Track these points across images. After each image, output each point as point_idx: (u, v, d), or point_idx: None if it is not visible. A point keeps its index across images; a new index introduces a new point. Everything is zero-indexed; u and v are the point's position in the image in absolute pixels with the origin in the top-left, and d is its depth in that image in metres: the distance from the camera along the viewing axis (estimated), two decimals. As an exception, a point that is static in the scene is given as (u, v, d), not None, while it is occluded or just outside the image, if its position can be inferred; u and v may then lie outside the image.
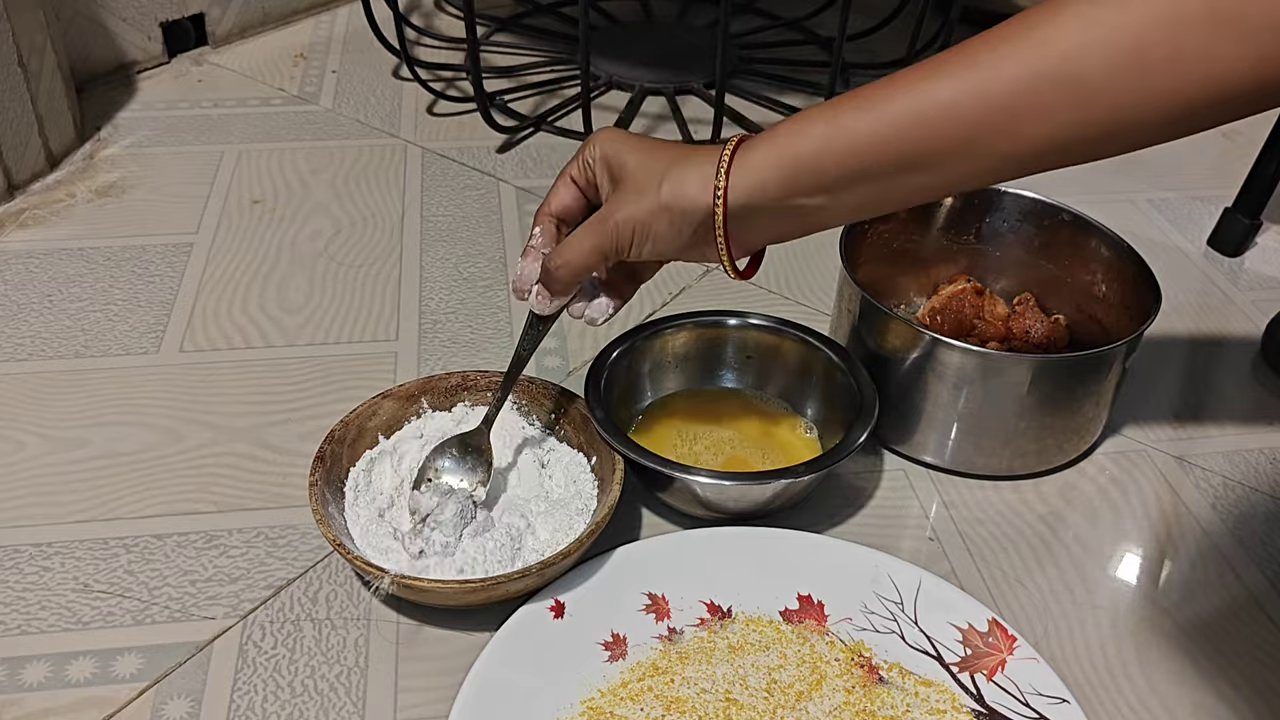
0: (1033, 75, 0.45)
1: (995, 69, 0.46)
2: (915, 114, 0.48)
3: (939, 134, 0.48)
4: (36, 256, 0.90)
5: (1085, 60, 0.44)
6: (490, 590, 0.57)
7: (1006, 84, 0.46)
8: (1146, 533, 0.70)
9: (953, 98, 0.47)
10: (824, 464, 0.64)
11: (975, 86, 0.46)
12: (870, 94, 0.50)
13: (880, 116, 0.49)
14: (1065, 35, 0.44)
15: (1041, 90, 0.45)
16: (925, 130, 0.48)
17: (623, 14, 1.36)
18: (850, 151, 0.50)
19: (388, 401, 0.69)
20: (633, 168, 0.55)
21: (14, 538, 0.66)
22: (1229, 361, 0.85)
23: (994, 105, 0.46)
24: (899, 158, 0.49)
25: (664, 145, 0.57)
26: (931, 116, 0.48)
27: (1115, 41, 0.43)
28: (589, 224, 0.57)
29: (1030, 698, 0.57)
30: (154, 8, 1.18)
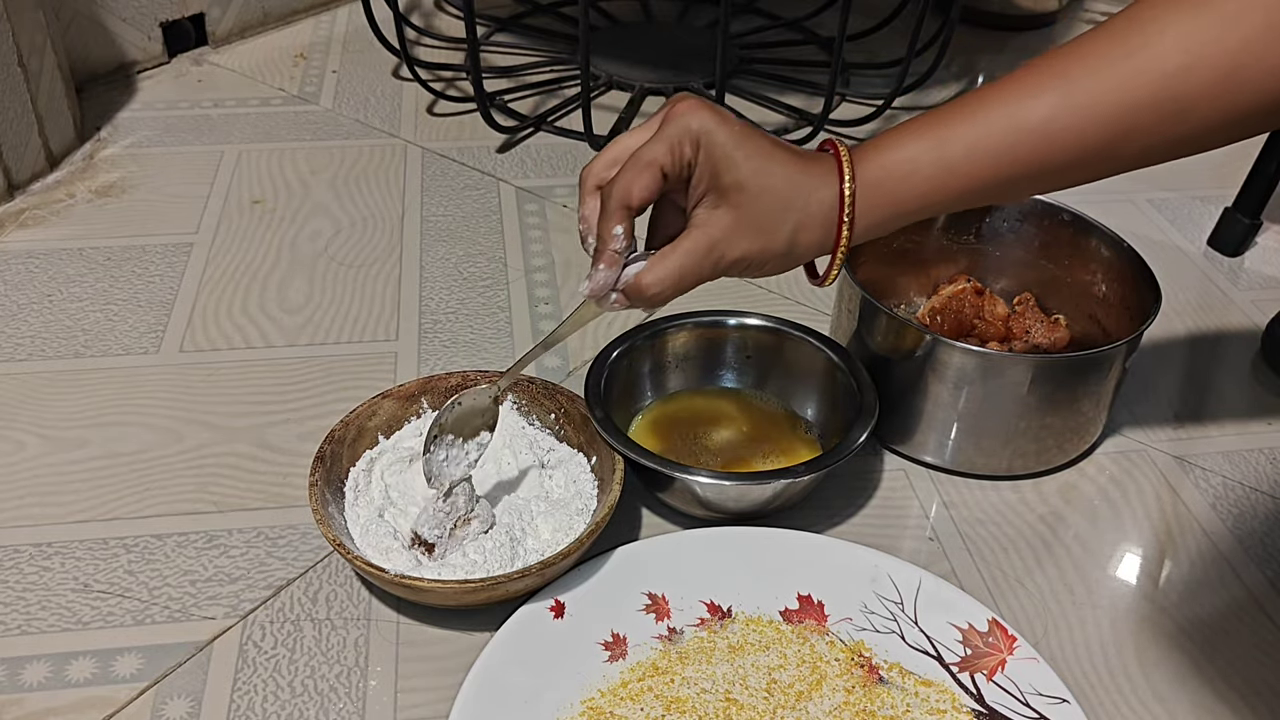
0: (1134, 101, 0.47)
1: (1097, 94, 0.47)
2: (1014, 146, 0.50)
3: (1040, 160, 0.50)
4: (36, 256, 0.90)
5: (1186, 83, 0.46)
6: (490, 590, 0.57)
7: (1109, 110, 0.47)
8: (1146, 533, 0.70)
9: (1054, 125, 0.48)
10: (823, 464, 0.64)
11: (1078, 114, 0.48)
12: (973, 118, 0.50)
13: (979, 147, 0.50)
14: (1166, 57, 0.46)
15: (1142, 113, 0.47)
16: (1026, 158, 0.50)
17: (623, 14, 1.36)
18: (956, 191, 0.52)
19: (387, 401, 0.69)
20: (748, 184, 0.52)
21: (14, 538, 0.66)
22: (1229, 361, 0.85)
23: (1097, 131, 0.48)
24: (999, 185, 0.51)
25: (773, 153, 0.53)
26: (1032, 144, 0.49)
27: (1215, 64, 0.45)
28: (691, 248, 0.53)
29: (1030, 698, 0.57)
30: (154, 8, 1.18)
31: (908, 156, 0.52)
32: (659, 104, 1.17)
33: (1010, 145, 0.50)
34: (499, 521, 0.63)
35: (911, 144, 0.52)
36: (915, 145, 0.52)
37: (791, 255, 0.54)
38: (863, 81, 1.24)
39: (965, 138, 0.50)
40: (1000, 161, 0.50)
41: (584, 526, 0.63)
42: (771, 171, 0.53)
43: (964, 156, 0.51)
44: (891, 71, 1.18)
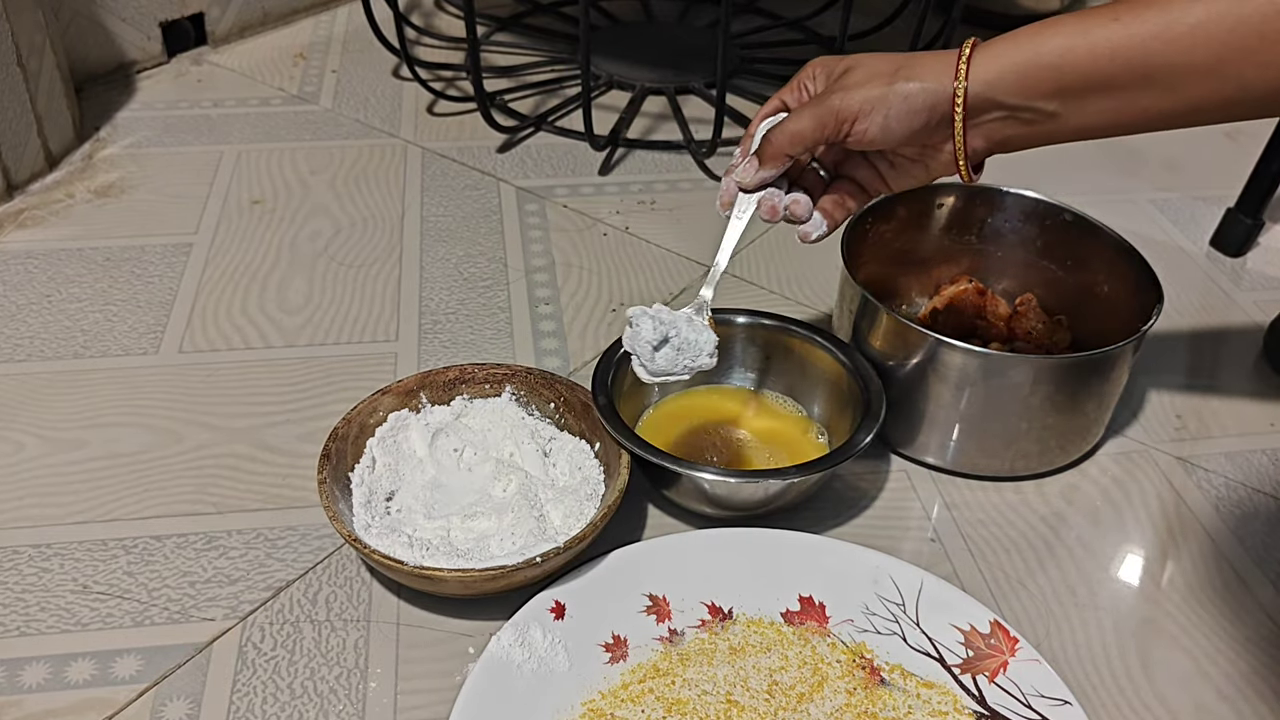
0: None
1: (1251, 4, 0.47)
2: (1163, 28, 0.49)
3: (1185, 51, 0.49)
4: (36, 256, 0.90)
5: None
6: (510, 577, 0.58)
7: (1260, 7, 0.47)
8: (1149, 534, 0.70)
9: (1203, 18, 0.48)
10: (830, 463, 0.64)
11: (1228, 8, 0.47)
12: (1117, 7, 0.51)
13: (1128, 26, 0.50)
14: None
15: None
16: (1171, 46, 0.49)
17: (623, 14, 1.36)
18: (1091, 57, 0.51)
19: (387, 397, 0.69)
20: (862, 61, 0.57)
21: (14, 538, 0.65)
22: (1231, 362, 0.85)
23: (1246, 29, 0.47)
24: (1141, 71, 0.50)
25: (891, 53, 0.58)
26: (1179, 33, 0.48)
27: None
28: (809, 103, 0.58)
29: (1032, 699, 0.57)
30: (153, 8, 1.18)
31: (1044, 25, 0.53)
32: (660, 104, 1.17)
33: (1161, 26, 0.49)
34: (518, 510, 0.63)
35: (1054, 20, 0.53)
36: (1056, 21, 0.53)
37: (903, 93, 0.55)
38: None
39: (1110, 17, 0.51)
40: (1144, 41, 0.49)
41: (595, 511, 0.63)
42: (884, 57, 0.57)
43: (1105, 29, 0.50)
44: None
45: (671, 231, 0.97)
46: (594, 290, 0.89)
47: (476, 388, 0.71)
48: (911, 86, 0.55)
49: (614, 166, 1.07)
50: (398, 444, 0.68)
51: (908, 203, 0.80)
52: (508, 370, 0.72)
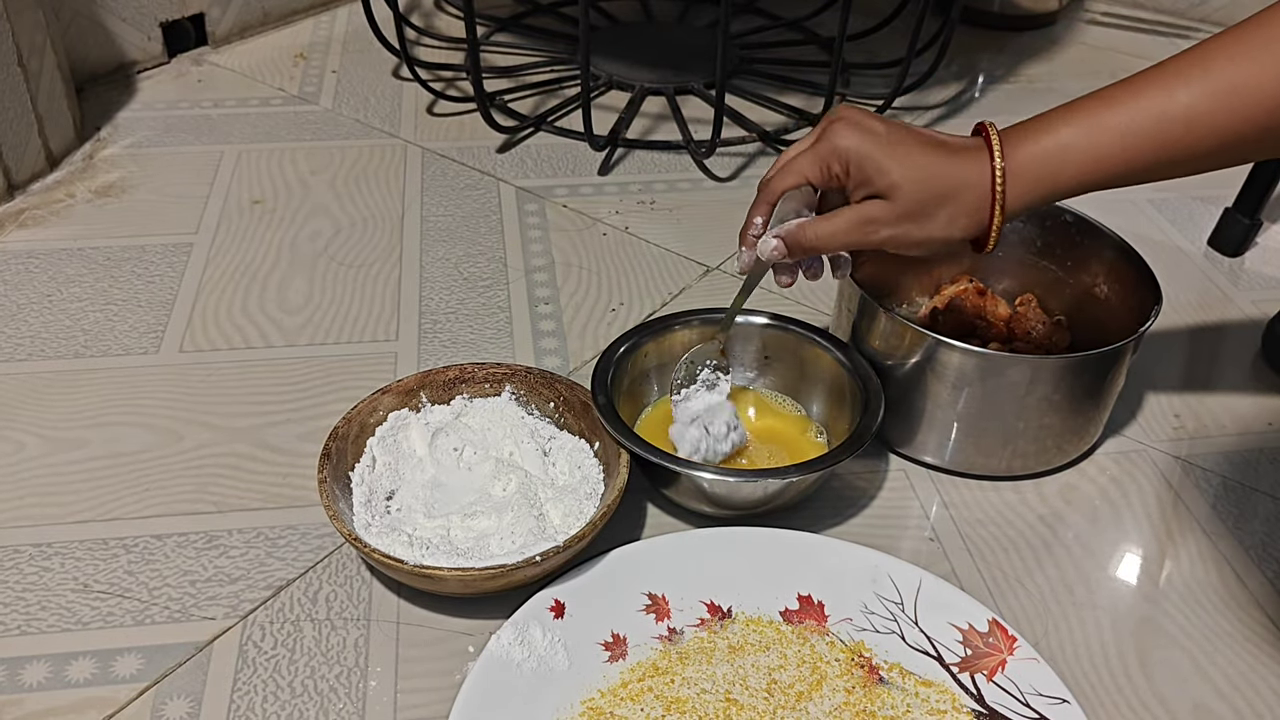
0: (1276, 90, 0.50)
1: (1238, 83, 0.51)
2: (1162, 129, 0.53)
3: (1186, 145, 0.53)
4: (36, 256, 0.90)
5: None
6: (509, 576, 0.58)
7: (1250, 96, 0.51)
8: (1147, 533, 0.70)
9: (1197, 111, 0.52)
10: (828, 463, 0.64)
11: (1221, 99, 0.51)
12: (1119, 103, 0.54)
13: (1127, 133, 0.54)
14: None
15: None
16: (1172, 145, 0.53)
17: (623, 14, 1.36)
18: (1102, 176, 0.55)
19: (387, 397, 0.69)
20: (902, 189, 0.58)
21: (14, 538, 0.66)
22: (1229, 361, 0.85)
23: (1238, 119, 0.51)
24: (1147, 170, 0.55)
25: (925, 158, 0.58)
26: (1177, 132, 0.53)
27: None
28: (853, 222, 0.60)
29: (1030, 698, 0.57)
30: (154, 8, 1.18)
31: (1059, 143, 0.56)
32: (659, 104, 1.17)
33: (1158, 132, 0.53)
34: (517, 509, 0.63)
35: (1063, 129, 0.56)
36: (1067, 131, 0.56)
37: (946, 240, 0.59)
38: (863, 81, 1.24)
39: (1115, 125, 0.54)
40: (1148, 147, 0.53)
41: (594, 510, 0.63)
42: (923, 167, 0.58)
43: (1114, 142, 0.54)
44: (891, 71, 1.18)
45: (671, 231, 0.97)
46: (593, 290, 0.89)
47: (476, 387, 0.72)
48: (950, 236, 0.59)
49: (613, 166, 1.07)
50: (398, 443, 0.68)
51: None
52: (507, 370, 0.72)
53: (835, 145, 0.59)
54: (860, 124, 0.59)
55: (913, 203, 0.58)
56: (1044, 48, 1.37)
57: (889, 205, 0.58)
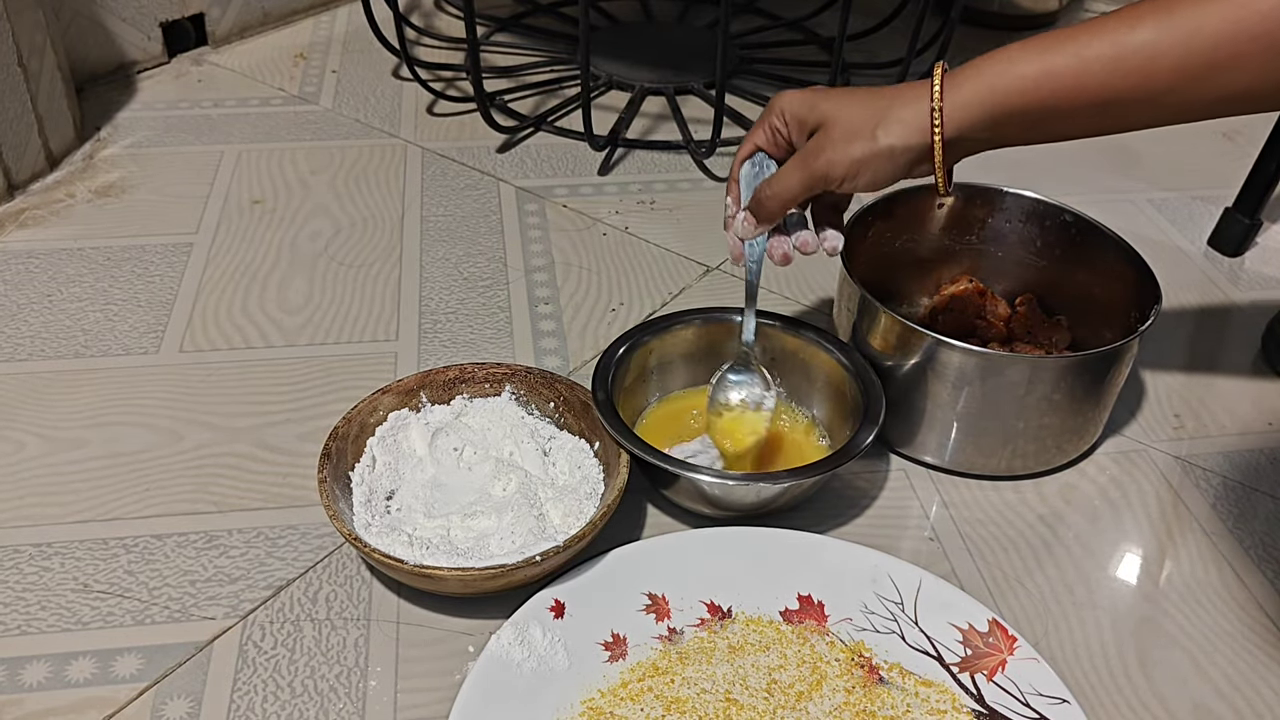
0: (1235, 30, 0.49)
1: (1198, 22, 0.50)
2: (1116, 60, 0.52)
3: (1140, 80, 0.52)
4: (36, 256, 0.90)
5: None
6: (509, 576, 0.58)
7: (1209, 38, 0.50)
8: (1147, 533, 0.70)
9: (1155, 47, 0.51)
10: (830, 465, 0.64)
11: (1179, 38, 0.50)
12: (1074, 36, 0.53)
13: (1084, 58, 0.53)
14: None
15: (1242, 44, 0.49)
16: (1127, 77, 0.52)
17: (623, 14, 1.36)
18: (1052, 93, 0.54)
19: (387, 396, 0.69)
20: (837, 115, 0.59)
21: (14, 538, 0.66)
22: (1229, 361, 0.85)
23: (1195, 57, 0.50)
24: (1098, 100, 0.53)
25: (859, 92, 0.60)
26: (1133, 64, 0.52)
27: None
28: (797, 160, 0.61)
29: (1030, 698, 0.57)
30: (154, 8, 1.18)
31: (1007, 58, 0.55)
32: (659, 104, 1.17)
33: (1114, 58, 0.52)
34: (517, 509, 0.63)
35: (1013, 50, 0.55)
36: (1016, 51, 0.55)
37: (888, 152, 0.58)
38: (863, 81, 1.24)
39: (1069, 49, 0.53)
40: (1102, 74, 0.52)
41: (594, 510, 0.63)
42: (853, 95, 0.60)
43: (1066, 64, 0.53)
44: (891, 71, 1.18)
45: (671, 231, 0.97)
46: (593, 290, 0.89)
47: (476, 387, 0.72)
48: (894, 143, 0.58)
49: (613, 166, 1.07)
50: (398, 443, 0.69)
51: (908, 203, 0.80)
52: (507, 370, 0.72)
53: (775, 106, 0.62)
54: (802, 91, 0.62)
55: (845, 124, 0.59)
56: (1044, 48, 1.36)
57: (825, 132, 0.60)
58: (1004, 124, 0.56)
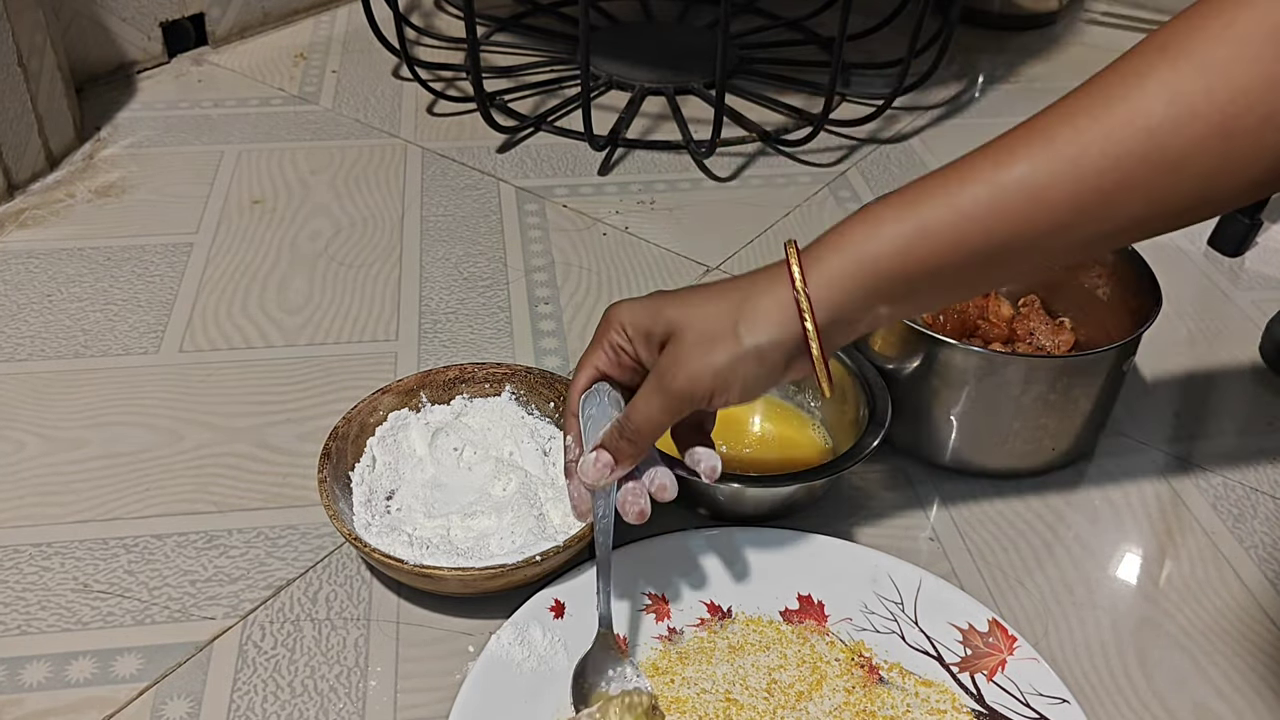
0: (1120, 154, 0.43)
1: (1079, 149, 0.43)
2: (997, 204, 0.45)
3: (1026, 223, 0.45)
4: (36, 256, 0.90)
5: (1176, 136, 0.42)
6: (510, 576, 0.58)
7: (1092, 165, 0.43)
8: (1147, 533, 0.70)
9: (1035, 182, 0.44)
10: (837, 468, 0.64)
11: (1059, 169, 0.44)
12: (943, 183, 0.46)
13: (959, 209, 0.45)
14: (1150, 110, 0.42)
15: (1131, 167, 0.43)
16: (1008, 222, 0.45)
17: (623, 14, 1.36)
18: (930, 252, 0.46)
19: (387, 396, 0.69)
20: (688, 319, 0.51)
21: (14, 538, 0.66)
22: (1229, 361, 0.85)
23: (1081, 189, 0.44)
24: (984, 251, 0.46)
25: (707, 288, 0.52)
26: (1014, 205, 0.45)
27: (1201, 113, 0.41)
28: (653, 384, 0.53)
29: (1030, 698, 0.57)
30: (154, 8, 1.18)
31: (873, 219, 0.48)
32: (659, 104, 1.17)
33: (993, 202, 0.45)
34: (517, 509, 0.63)
35: (878, 209, 0.48)
36: (883, 209, 0.48)
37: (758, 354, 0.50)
38: (863, 81, 1.24)
39: (940, 199, 0.46)
40: (982, 222, 0.45)
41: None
42: (699, 294, 0.52)
43: (940, 217, 0.46)
44: (891, 71, 1.18)
45: (671, 231, 0.97)
46: (594, 290, 0.89)
47: (476, 387, 0.72)
48: (759, 341, 0.49)
49: (613, 166, 1.07)
50: (398, 443, 0.68)
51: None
52: (507, 370, 0.72)
53: (610, 319, 0.54)
54: (636, 301, 0.54)
55: (702, 327, 0.50)
56: (1044, 48, 1.37)
57: (677, 342, 0.51)
58: (882, 295, 0.48)
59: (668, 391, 0.52)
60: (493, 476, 0.66)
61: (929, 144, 1.14)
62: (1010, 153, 0.45)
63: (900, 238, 0.47)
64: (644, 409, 0.53)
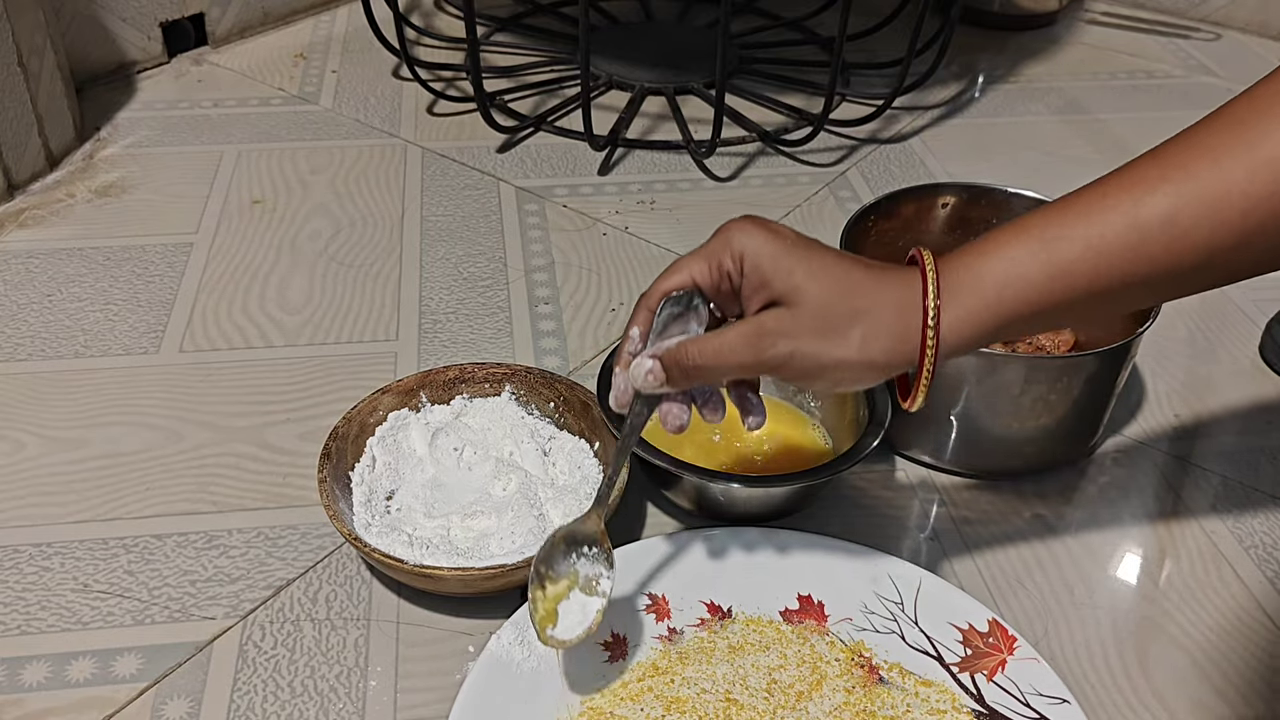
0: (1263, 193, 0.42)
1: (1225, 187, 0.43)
2: (1136, 244, 0.44)
3: (1166, 262, 0.44)
4: (36, 256, 0.90)
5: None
6: (509, 576, 0.58)
7: (1238, 203, 0.43)
8: (1147, 532, 0.70)
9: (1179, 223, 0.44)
10: (837, 468, 0.64)
11: (1204, 210, 0.43)
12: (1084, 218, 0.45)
13: (1099, 251, 0.45)
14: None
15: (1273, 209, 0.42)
16: (1150, 262, 0.44)
17: (623, 14, 1.36)
18: (1066, 291, 0.46)
19: (387, 396, 0.69)
20: (811, 296, 0.48)
21: (14, 538, 0.66)
22: (1228, 361, 0.85)
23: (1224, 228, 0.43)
24: (1118, 288, 0.46)
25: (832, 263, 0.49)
26: (1157, 246, 0.44)
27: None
28: (749, 335, 0.49)
29: (1030, 698, 0.57)
30: (154, 8, 1.18)
31: (1009, 257, 0.47)
32: (659, 104, 1.17)
33: (1132, 244, 0.44)
34: (517, 509, 0.63)
35: (1014, 244, 0.47)
36: (1018, 246, 0.47)
37: (860, 365, 0.48)
38: (863, 81, 1.24)
39: (1079, 236, 0.45)
40: (1121, 262, 0.45)
41: None
42: (832, 273, 0.48)
43: (1079, 257, 0.45)
44: (891, 71, 1.18)
45: (671, 231, 0.97)
46: (594, 290, 0.89)
47: (476, 387, 0.72)
48: (876, 358, 0.48)
49: (613, 166, 1.07)
50: (398, 443, 0.69)
51: (911, 202, 0.80)
52: (507, 370, 0.72)
53: (730, 240, 0.50)
54: (764, 224, 0.50)
55: (820, 312, 0.48)
56: (1044, 48, 1.37)
57: (790, 314, 0.48)
58: (1005, 332, 0.48)
59: (758, 354, 0.49)
60: (493, 476, 0.66)
61: (929, 144, 1.14)
62: (1149, 189, 0.44)
63: (1038, 281, 0.46)
64: (720, 352, 0.49)
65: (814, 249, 0.49)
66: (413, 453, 0.68)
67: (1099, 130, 1.17)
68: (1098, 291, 0.46)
